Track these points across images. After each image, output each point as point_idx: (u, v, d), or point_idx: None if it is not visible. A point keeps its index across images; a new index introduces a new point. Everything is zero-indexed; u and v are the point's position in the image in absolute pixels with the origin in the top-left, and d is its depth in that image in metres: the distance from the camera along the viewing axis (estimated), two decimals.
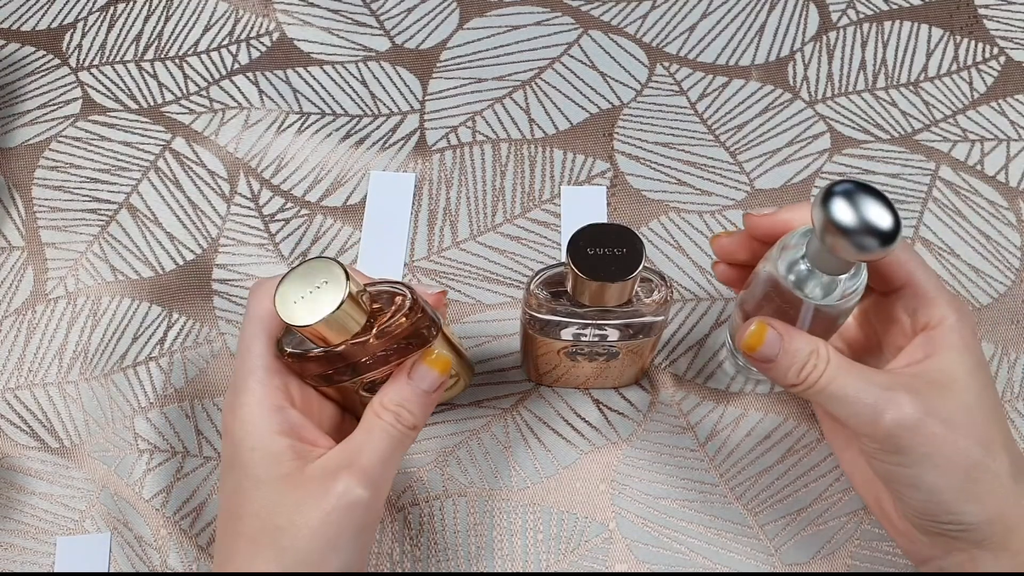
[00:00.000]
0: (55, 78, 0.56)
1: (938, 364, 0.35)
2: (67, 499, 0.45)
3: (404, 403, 0.36)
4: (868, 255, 0.31)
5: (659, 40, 0.57)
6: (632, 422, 0.46)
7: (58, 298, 0.50)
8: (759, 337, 0.37)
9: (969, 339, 0.35)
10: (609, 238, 0.36)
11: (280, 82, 0.55)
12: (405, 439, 0.36)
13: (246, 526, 0.35)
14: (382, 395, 0.36)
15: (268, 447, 0.35)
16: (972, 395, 0.34)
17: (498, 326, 0.49)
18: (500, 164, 0.53)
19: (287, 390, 0.37)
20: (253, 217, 0.52)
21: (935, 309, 0.36)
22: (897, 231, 0.30)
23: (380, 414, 0.36)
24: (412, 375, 0.36)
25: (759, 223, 0.38)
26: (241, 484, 0.35)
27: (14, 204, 0.52)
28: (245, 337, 0.37)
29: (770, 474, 0.45)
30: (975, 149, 0.53)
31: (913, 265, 0.36)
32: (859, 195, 0.30)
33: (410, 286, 0.37)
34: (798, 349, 0.36)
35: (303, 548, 0.34)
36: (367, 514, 0.35)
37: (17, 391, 0.48)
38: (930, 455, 0.34)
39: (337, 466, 0.35)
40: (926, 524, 0.36)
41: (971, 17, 0.57)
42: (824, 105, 0.54)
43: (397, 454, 0.36)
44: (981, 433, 0.34)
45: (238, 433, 0.35)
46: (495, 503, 0.45)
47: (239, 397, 0.36)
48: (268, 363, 0.36)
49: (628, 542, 0.44)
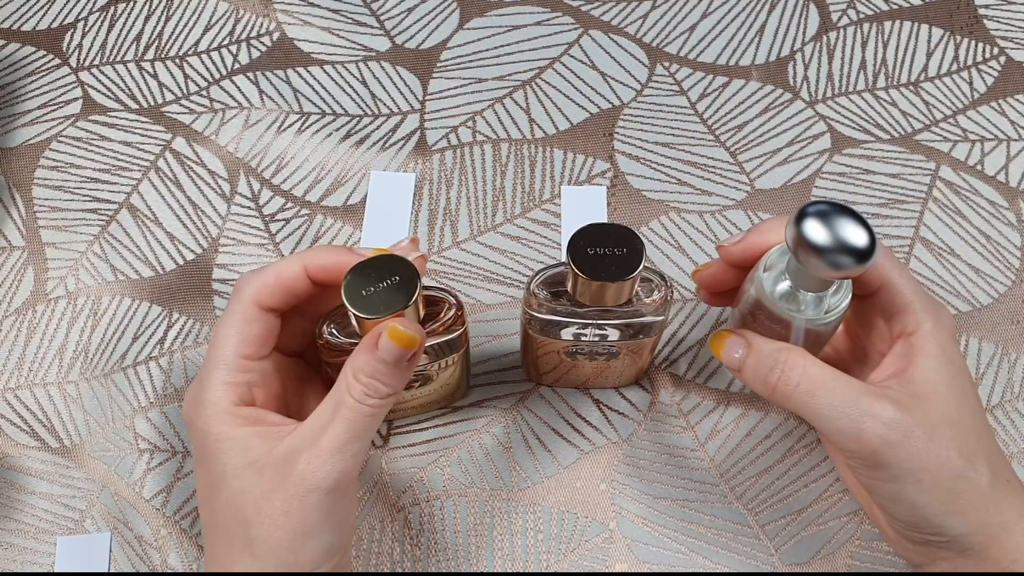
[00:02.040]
0: (55, 78, 0.56)
1: (918, 375, 0.35)
2: (67, 499, 0.45)
3: (375, 375, 0.34)
4: (844, 273, 0.31)
5: (659, 40, 0.57)
6: (632, 422, 0.46)
7: (58, 298, 0.50)
8: (720, 342, 0.37)
9: (947, 345, 0.35)
10: (609, 238, 0.36)
11: (280, 82, 0.55)
12: (376, 413, 0.34)
13: (219, 518, 0.34)
14: (352, 361, 0.34)
15: (233, 436, 0.34)
16: (952, 406, 0.34)
17: (498, 326, 0.49)
18: (500, 164, 0.53)
19: (249, 391, 0.36)
20: (253, 217, 0.52)
21: (910, 315, 0.35)
22: (872, 248, 0.30)
23: (351, 386, 0.34)
24: (379, 345, 0.34)
25: (731, 252, 0.37)
26: (211, 476, 0.34)
27: (14, 204, 0.52)
28: (216, 333, 0.36)
29: (770, 474, 0.45)
30: (975, 149, 0.53)
31: (888, 268, 0.36)
32: (832, 215, 0.31)
33: (458, 298, 0.37)
34: (765, 352, 0.36)
35: (272, 537, 0.33)
36: (336, 494, 0.33)
37: (17, 391, 0.48)
38: (912, 470, 0.34)
39: (299, 448, 0.33)
40: (910, 534, 0.36)
41: (971, 17, 0.57)
42: (824, 105, 0.54)
43: (367, 430, 0.34)
44: (962, 444, 0.34)
45: (201, 424, 0.35)
46: (495, 503, 0.45)
47: (204, 392, 0.35)
48: (234, 362, 0.35)
49: (628, 542, 0.44)
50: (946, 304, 0.49)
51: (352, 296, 0.34)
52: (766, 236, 0.36)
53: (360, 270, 0.34)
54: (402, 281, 0.34)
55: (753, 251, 0.37)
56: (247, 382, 0.36)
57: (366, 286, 0.34)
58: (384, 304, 0.34)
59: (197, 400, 0.35)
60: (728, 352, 0.37)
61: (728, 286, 0.39)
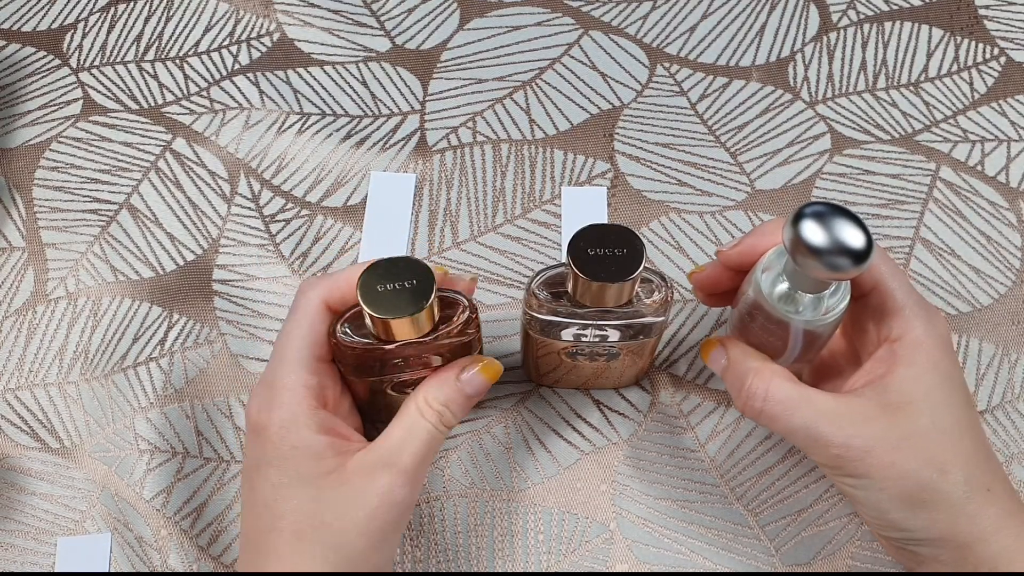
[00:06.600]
0: (56, 79, 0.56)
1: (894, 384, 0.35)
2: (68, 499, 0.45)
3: (449, 403, 0.36)
4: (841, 274, 0.31)
5: (659, 41, 0.57)
6: (633, 422, 0.46)
7: (58, 299, 0.50)
8: (706, 351, 0.39)
9: (934, 353, 0.35)
10: (609, 239, 0.36)
11: (281, 82, 0.55)
12: (442, 438, 0.37)
13: (288, 523, 0.35)
14: (426, 393, 0.36)
15: (310, 445, 0.35)
16: (926, 416, 0.34)
17: (498, 327, 0.49)
18: (501, 165, 0.53)
19: (323, 392, 0.37)
20: (254, 218, 0.52)
21: (899, 320, 0.35)
22: (869, 250, 0.30)
23: (424, 412, 0.36)
24: (461, 377, 0.37)
25: (729, 256, 0.38)
26: (280, 481, 0.35)
27: (15, 204, 0.52)
28: (288, 334, 0.36)
29: (771, 475, 0.45)
30: (975, 150, 0.53)
31: (882, 270, 0.36)
32: (829, 216, 0.31)
33: (472, 300, 0.37)
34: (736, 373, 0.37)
35: (351, 545, 0.34)
36: (405, 512, 0.36)
37: (18, 391, 0.48)
38: (876, 480, 0.34)
39: (379, 463, 0.35)
40: (886, 535, 0.36)
41: (972, 18, 0.57)
42: (824, 106, 0.54)
43: (433, 453, 0.37)
44: (933, 455, 0.34)
45: (276, 430, 0.35)
46: (496, 504, 0.45)
47: (277, 395, 0.36)
48: (309, 363, 0.36)
49: (629, 542, 0.44)
50: (947, 304, 0.49)
51: (367, 295, 0.34)
52: (763, 239, 0.36)
53: (376, 269, 0.34)
54: (419, 283, 0.34)
55: (750, 254, 0.37)
56: (321, 384, 0.36)
57: (382, 285, 0.34)
58: (399, 304, 0.34)
59: (271, 404, 0.36)
60: (712, 362, 0.39)
61: (724, 288, 0.39)
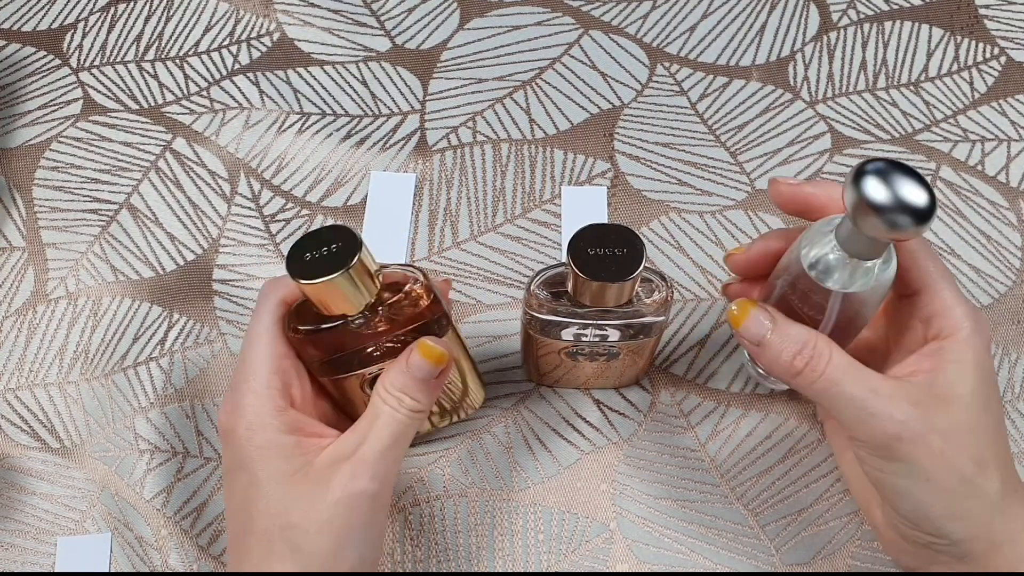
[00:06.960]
0: (56, 78, 0.56)
1: (943, 378, 0.34)
2: (68, 499, 0.45)
3: (405, 389, 0.36)
4: (902, 233, 0.29)
5: (660, 40, 0.57)
6: (633, 422, 0.46)
7: (59, 298, 0.50)
8: (743, 311, 0.36)
9: (980, 353, 0.35)
10: (609, 238, 0.36)
11: (281, 82, 0.55)
12: (411, 423, 0.36)
13: (258, 525, 0.35)
14: (383, 379, 0.36)
15: (277, 445, 0.35)
16: (973, 413, 0.34)
17: (499, 326, 0.49)
18: (501, 164, 0.53)
19: (288, 391, 0.36)
20: (254, 217, 0.52)
21: (950, 320, 0.35)
22: (932, 208, 0.29)
23: (385, 399, 0.36)
24: (409, 361, 0.36)
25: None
26: (250, 483, 0.35)
27: (15, 204, 0.52)
28: (252, 334, 0.37)
29: (771, 474, 0.45)
30: (976, 149, 0.53)
31: (932, 269, 0.36)
32: (892, 172, 0.29)
33: (425, 272, 0.36)
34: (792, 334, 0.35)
35: (315, 544, 0.34)
36: (373, 504, 0.35)
37: (18, 391, 0.48)
38: (924, 469, 0.34)
39: (341, 456, 0.35)
40: (912, 534, 0.36)
41: (972, 17, 0.57)
42: (825, 105, 0.54)
43: (403, 439, 0.36)
44: (976, 451, 0.34)
45: (243, 432, 0.35)
46: (496, 503, 0.45)
47: (242, 397, 0.36)
48: (272, 363, 0.36)
49: (629, 542, 0.44)
50: None
51: (293, 263, 0.33)
52: (820, 189, 0.36)
53: (305, 240, 0.34)
54: (343, 246, 0.33)
55: (800, 198, 0.36)
56: (286, 382, 0.36)
57: (308, 252, 0.33)
58: (322, 268, 0.33)
59: (236, 407, 0.36)
60: (753, 323, 0.36)
61: (758, 271, 0.39)
